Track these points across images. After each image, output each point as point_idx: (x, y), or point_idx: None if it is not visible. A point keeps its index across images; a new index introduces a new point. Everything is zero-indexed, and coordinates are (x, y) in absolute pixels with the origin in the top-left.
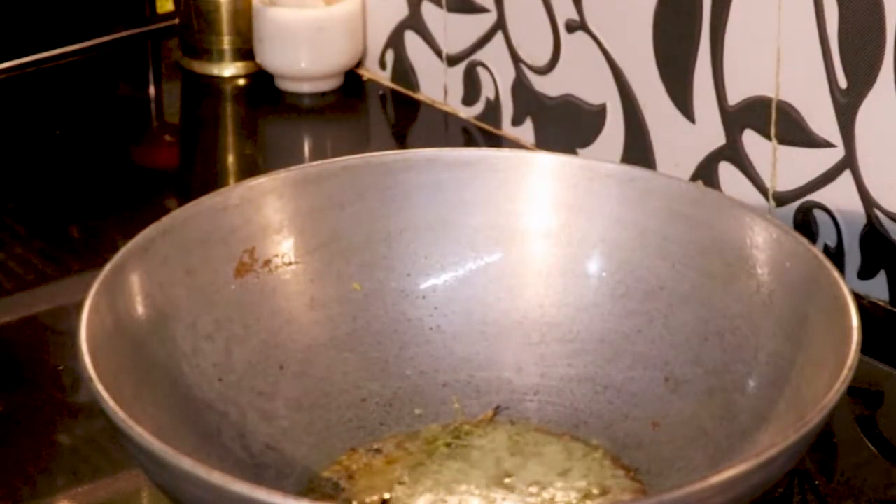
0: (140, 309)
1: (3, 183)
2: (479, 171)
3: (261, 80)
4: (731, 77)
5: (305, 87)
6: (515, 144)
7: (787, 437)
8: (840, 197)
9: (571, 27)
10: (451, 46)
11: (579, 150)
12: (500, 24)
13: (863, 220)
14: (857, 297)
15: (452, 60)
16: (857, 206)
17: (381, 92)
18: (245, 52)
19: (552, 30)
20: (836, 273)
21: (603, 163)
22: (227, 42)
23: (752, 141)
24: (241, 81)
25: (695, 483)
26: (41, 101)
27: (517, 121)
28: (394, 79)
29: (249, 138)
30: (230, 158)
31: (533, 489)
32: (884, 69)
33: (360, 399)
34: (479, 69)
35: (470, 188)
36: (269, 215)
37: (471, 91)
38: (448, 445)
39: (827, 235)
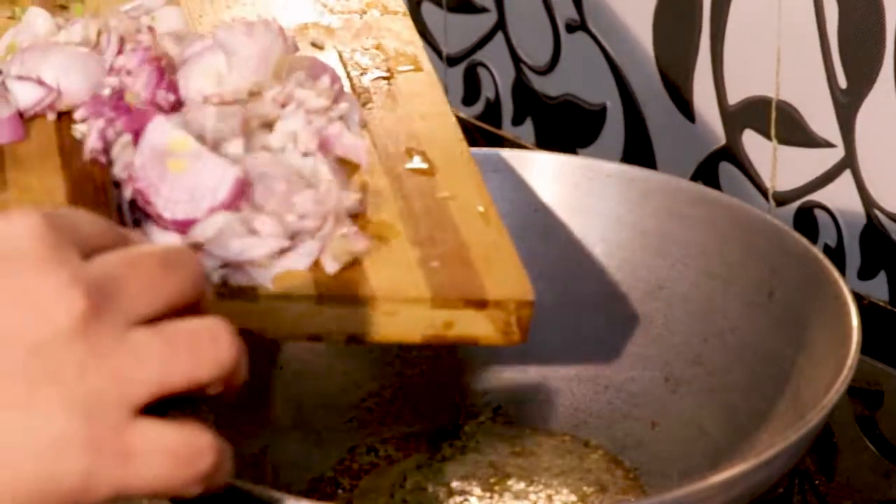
0: None
1: None
2: (480, 171)
3: None
4: (731, 77)
5: None
6: (515, 144)
7: (787, 437)
8: (840, 197)
9: (571, 27)
10: (451, 46)
11: (579, 150)
12: (500, 24)
13: (863, 220)
14: (857, 297)
15: (452, 60)
16: (857, 206)
17: None
18: None
19: (552, 30)
20: (836, 273)
21: (603, 163)
22: None
23: (752, 141)
24: None
25: (695, 483)
26: None
27: (517, 121)
28: None
29: None
30: None
31: (532, 489)
32: (884, 69)
33: (360, 399)
34: (479, 69)
35: None
36: None
37: (471, 91)
38: (450, 445)
39: (827, 235)
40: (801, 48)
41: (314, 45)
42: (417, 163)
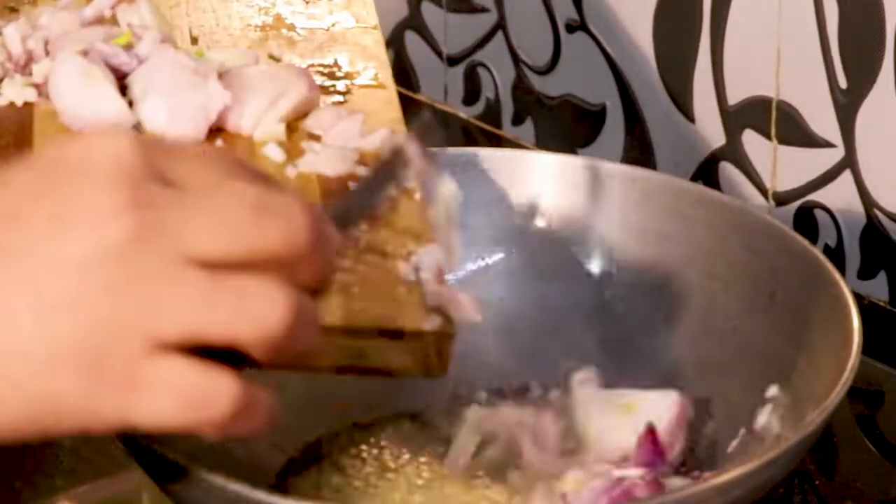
0: None
1: None
2: (479, 171)
3: None
4: (731, 77)
5: None
6: (515, 144)
7: (787, 438)
8: (840, 197)
9: (571, 27)
10: (451, 46)
11: (579, 150)
12: (500, 24)
13: (863, 220)
14: (858, 297)
15: (452, 60)
16: (857, 206)
17: None
18: None
19: (552, 30)
20: (836, 273)
21: (603, 163)
22: None
23: (752, 141)
24: None
25: (695, 483)
26: None
27: (517, 121)
28: (394, 79)
29: None
30: None
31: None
32: (884, 69)
33: (362, 399)
34: (479, 69)
35: (470, 188)
36: None
37: (471, 91)
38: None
39: (827, 235)
40: (801, 48)
41: (272, 57)
42: None
